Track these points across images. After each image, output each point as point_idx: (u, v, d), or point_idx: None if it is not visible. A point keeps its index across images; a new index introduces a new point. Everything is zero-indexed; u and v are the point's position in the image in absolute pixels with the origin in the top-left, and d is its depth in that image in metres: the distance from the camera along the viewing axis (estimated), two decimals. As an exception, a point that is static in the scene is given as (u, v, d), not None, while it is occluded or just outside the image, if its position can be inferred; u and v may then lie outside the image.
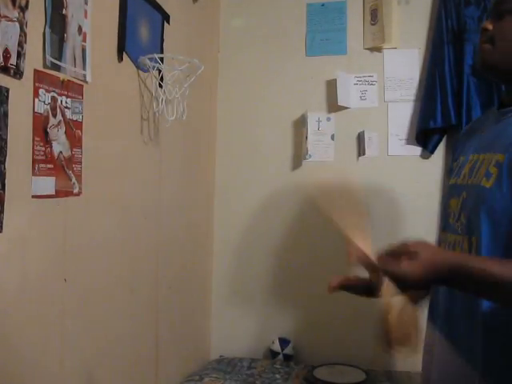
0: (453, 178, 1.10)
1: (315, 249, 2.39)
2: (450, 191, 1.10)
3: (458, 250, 1.02)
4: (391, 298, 0.88)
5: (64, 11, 1.31)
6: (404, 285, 0.85)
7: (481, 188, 0.96)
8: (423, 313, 1.05)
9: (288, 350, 2.35)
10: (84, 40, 1.40)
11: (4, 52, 1.11)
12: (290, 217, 2.43)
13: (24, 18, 1.16)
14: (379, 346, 0.90)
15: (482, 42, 1.03)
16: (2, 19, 1.10)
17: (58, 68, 1.30)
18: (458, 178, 1.07)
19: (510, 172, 0.92)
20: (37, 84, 1.23)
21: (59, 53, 1.30)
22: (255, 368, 2.21)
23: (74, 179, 1.38)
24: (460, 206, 1.03)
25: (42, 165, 1.25)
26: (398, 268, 0.83)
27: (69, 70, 1.34)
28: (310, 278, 2.39)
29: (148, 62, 1.70)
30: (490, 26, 1.02)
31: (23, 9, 1.16)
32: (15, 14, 1.14)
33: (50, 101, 1.27)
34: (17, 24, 1.14)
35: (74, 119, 1.38)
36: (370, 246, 0.90)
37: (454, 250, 1.04)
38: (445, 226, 1.09)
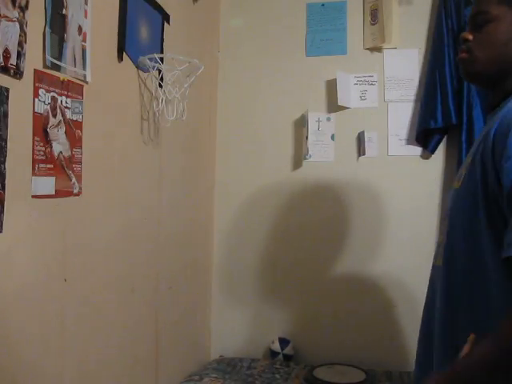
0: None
1: (316, 249, 2.39)
2: (449, 196, 1.15)
3: (440, 250, 1.07)
4: None
5: (64, 11, 1.31)
6: None
7: (454, 190, 1.03)
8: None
9: (288, 350, 2.35)
10: (84, 40, 1.40)
11: (4, 52, 1.11)
12: (291, 217, 2.43)
13: (24, 18, 1.16)
14: None
15: (461, 52, 1.07)
16: (2, 19, 1.10)
17: (58, 68, 1.30)
18: (455, 183, 1.11)
19: (471, 173, 0.96)
20: (37, 84, 1.23)
21: (59, 53, 1.30)
22: (255, 368, 2.21)
23: (74, 179, 1.38)
24: (448, 209, 1.08)
25: (41, 165, 1.25)
26: None
27: (69, 70, 1.34)
28: (310, 278, 2.39)
29: (148, 62, 1.70)
30: (470, 37, 1.05)
31: (23, 9, 1.16)
32: (15, 14, 1.14)
33: (50, 101, 1.27)
34: (17, 24, 1.14)
35: (74, 119, 1.38)
36: None
37: (437, 251, 1.09)
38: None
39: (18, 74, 1.16)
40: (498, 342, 0.79)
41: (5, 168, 1.13)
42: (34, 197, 1.23)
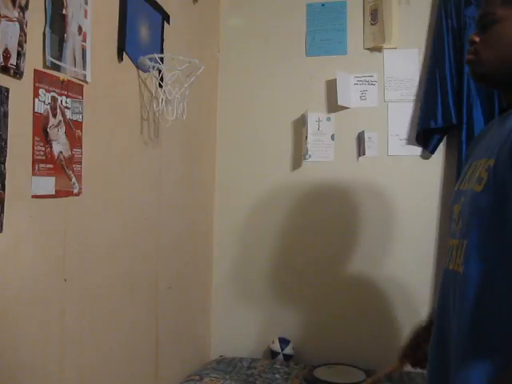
0: (457, 183, 1.12)
1: (315, 249, 2.39)
2: (454, 197, 1.12)
3: (453, 254, 1.03)
4: None
5: (64, 11, 1.31)
6: None
7: (473, 192, 0.98)
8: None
9: (288, 350, 2.35)
10: (84, 40, 1.40)
11: (4, 52, 1.11)
12: (291, 217, 2.43)
13: (24, 18, 1.16)
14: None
15: (468, 53, 1.07)
16: (2, 19, 1.10)
17: (58, 68, 1.30)
18: (460, 184, 1.09)
19: (496, 176, 0.93)
20: (37, 84, 1.23)
21: (59, 53, 1.30)
22: (255, 368, 2.21)
23: (74, 179, 1.38)
24: (459, 210, 1.04)
25: (41, 165, 1.25)
26: None
27: (69, 70, 1.34)
28: (309, 277, 2.39)
29: (148, 61, 1.70)
30: (477, 39, 1.05)
31: (23, 9, 1.16)
32: (15, 14, 1.14)
33: (49, 101, 1.27)
34: (17, 24, 1.14)
35: (74, 119, 1.38)
36: None
37: (450, 255, 1.05)
38: (450, 232, 1.10)
39: (17, 74, 1.16)
40: None
41: (5, 168, 1.13)
42: (34, 197, 1.23)
